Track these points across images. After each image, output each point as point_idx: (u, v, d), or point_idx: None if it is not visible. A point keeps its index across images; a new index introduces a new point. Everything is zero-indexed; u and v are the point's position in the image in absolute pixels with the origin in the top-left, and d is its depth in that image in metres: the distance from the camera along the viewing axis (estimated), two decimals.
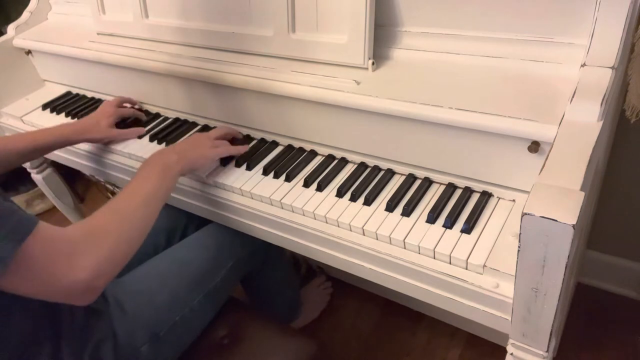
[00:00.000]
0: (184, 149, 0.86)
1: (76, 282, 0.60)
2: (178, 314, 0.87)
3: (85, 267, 0.60)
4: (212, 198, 0.92)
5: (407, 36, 0.86)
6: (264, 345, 0.93)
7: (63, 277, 0.59)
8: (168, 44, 1.09)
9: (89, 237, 0.63)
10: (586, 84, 0.66)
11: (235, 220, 0.92)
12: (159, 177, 0.78)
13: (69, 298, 0.62)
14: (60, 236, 0.61)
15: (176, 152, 0.85)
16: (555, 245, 0.53)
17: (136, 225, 0.70)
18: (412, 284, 0.74)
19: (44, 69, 1.36)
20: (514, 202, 0.76)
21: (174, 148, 0.87)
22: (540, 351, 0.67)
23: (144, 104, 1.19)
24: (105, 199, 2.06)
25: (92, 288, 0.62)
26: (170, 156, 0.83)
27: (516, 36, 0.76)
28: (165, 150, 0.86)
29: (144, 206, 0.73)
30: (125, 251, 0.67)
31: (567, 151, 0.60)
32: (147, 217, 0.73)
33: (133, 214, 0.70)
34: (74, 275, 0.59)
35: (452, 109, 0.73)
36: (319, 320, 1.45)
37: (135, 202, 0.72)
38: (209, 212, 0.96)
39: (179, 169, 0.82)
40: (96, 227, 0.65)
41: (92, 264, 0.61)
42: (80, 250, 0.61)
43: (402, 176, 0.86)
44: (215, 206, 0.93)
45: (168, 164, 0.81)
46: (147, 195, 0.74)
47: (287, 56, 0.94)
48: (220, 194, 0.91)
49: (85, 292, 0.61)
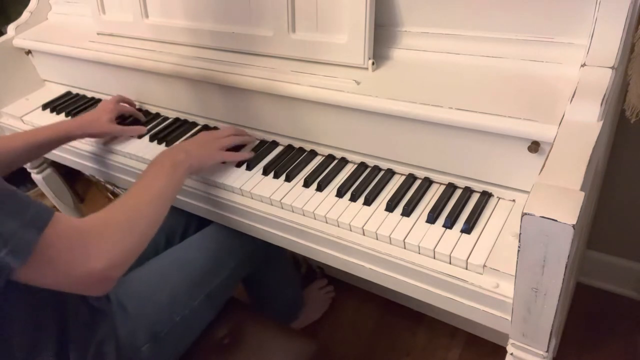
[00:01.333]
0: (192, 148, 0.87)
1: (92, 272, 0.60)
2: (179, 314, 0.87)
3: (100, 257, 0.61)
4: (212, 198, 0.92)
5: (407, 36, 0.86)
6: (264, 346, 0.93)
7: (80, 267, 0.60)
8: (168, 44, 1.09)
9: (104, 229, 0.64)
10: (586, 84, 0.66)
11: (235, 220, 0.92)
12: (168, 174, 0.79)
13: (85, 288, 0.63)
14: (76, 227, 0.62)
15: (185, 150, 0.85)
16: (555, 245, 0.53)
17: (147, 220, 0.71)
18: (412, 284, 0.74)
19: (44, 69, 1.36)
20: (514, 202, 0.76)
21: (182, 146, 0.87)
22: (540, 351, 0.67)
23: (144, 104, 1.19)
24: (105, 199, 2.06)
25: (108, 278, 0.63)
26: (179, 154, 0.83)
27: (516, 36, 0.76)
28: (174, 148, 0.87)
29: (154, 202, 0.74)
30: (138, 244, 0.68)
31: (567, 151, 0.60)
32: (157, 213, 0.74)
33: (144, 209, 0.72)
34: (91, 265, 0.60)
35: (452, 109, 0.73)
36: (319, 321, 1.45)
37: (145, 199, 0.73)
38: (208, 212, 0.96)
39: (187, 166, 0.83)
40: (110, 219, 0.67)
41: (107, 254, 0.62)
42: (96, 241, 0.62)
43: (402, 176, 0.86)
44: (215, 206, 0.93)
45: (177, 162, 0.82)
46: (156, 192, 0.75)
47: (287, 56, 0.94)
48: (220, 194, 0.91)
49: (101, 281, 0.63)
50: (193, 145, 0.88)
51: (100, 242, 0.62)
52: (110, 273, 0.63)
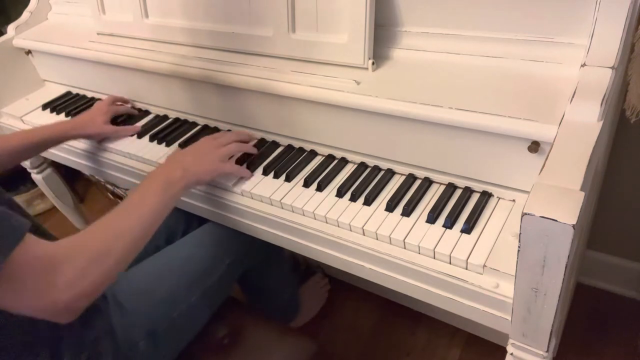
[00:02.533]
0: (191, 164, 0.83)
1: (56, 302, 0.57)
2: (176, 311, 0.87)
3: (67, 287, 0.58)
4: (212, 198, 0.92)
5: (407, 36, 0.86)
6: (264, 345, 0.93)
7: (44, 296, 0.57)
8: (168, 44, 1.09)
9: (75, 255, 0.60)
10: (586, 84, 0.66)
11: (235, 220, 0.92)
12: (159, 193, 0.75)
13: (49, 316, 0.59)
14: (45, 252, 0.58)
15: (182, 167, 0.81)
16: (555, 245, 0.53)
17: (129, 243, 0.68)
18: (412, 284, 0.74)
19: (44, 69, 1.36)
20: (514, 202, 0.76)
21: (180, 162, 0.83)
22: (540, 351, 0.67)
23: (144, 104, 1.19)
24: (105, 199, 2.06)
25: (73, 308, 0.60)
26: (175, 172, 0.80)
27: (516, 36, 0.76)
28: (171, 163, 0.83)
29: (140, 224, 0.70)
30: (113, 272, 0.65)
31: (567, 151, 0.60)
32: (142, 236, 0.70)
33: (127, 232, 0.68)
34: (55, 295, 0.57)
35: (452, 109, 0.73)
36: (319, 321, 1.45)
37: (131, 220, 0.70)
38: (208, 212, 0.96)
39: (183, 185, 0.80)
40: (85, 244, 0.63)
41: (75, 284, 0.59)
42: (64, 269, 0.58)
43: (402, 176, 0.86)
44: (215, 206, 0.93)
45: (171, 180, 0.78)
46: (144, 212, 0.72)
47: (287, 56, 0.94)
48: (220, 194, 0.91)
49: (64, 312, 0.59)
50: (191, 159, 0.84)
51: (69, 270, 0.58)
52: (77, 304, 0.60)
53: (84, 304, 0.61)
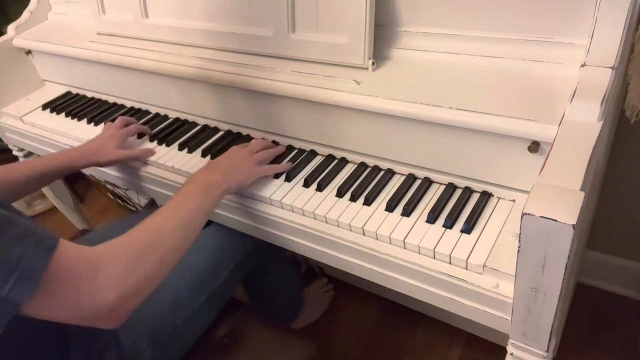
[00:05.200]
0: (230, 170, 0.82)
1: (101, 304, 0.56)
2: (180, 317, 0.87)
3: (111, 287, 0.57)
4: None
5: (407, 36, 0.86)
6: (264, 346, 0.93)
7: (88, 298, 0.55)
8: (168, 44, 1.09)
9: (115, 255, 0.59)
10: (586, 84, 0.66)
11: (234, 220, 0.92)
12: (201, 196, 0.75)
13: (95, 321, 0.58)
14: (82, 255, 0.57)
15: (223, 171, 0.81)
16: (555, 245, 0.53)
17: (172, 246, 0.66)
18: (412, 284, 0.74)
19: (44, 69, 1.36)
20: (514, 202, 0.76)
21: (219, 167, 0.83)
22: (540, 351, 0.67)
23: (144, 104, 1.19)
24: (105, 199, 2.06)
25: (119, 311, 0.58)
26: (216, 176, 0.79)
27: (516, 36, 0.76)
28: (210, 169, 0.82)
29: (183, 227, 0.69)
30: (156, 272, 0.63)
31: (567, 151, 0.60)
32: (185, 238, 0.69)
33: (168, 235, 0.67)
34: (99, 296, 0.56)
35: (452, 109, 0.73)
36: (319, 321, 1.45)
37: (174, 222, 0.69)
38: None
39: (224, 189, 0.79)
40: (126, 244, 0.62)
41: (119, 284, 0.57)
42: (106, 269, 0.57)
43: (402, 176, 0.86)
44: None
45: (212, 184, 0.78)
46: (187, 215, 0.71)
47: (286, 56, 0.94)
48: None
49: (111, 315, 0.58)
50: (229, 165, 0.84)
51: (112, 269, 0.57)
52: (122, 306, 0.58)
53: (129, 307, 0.60)
